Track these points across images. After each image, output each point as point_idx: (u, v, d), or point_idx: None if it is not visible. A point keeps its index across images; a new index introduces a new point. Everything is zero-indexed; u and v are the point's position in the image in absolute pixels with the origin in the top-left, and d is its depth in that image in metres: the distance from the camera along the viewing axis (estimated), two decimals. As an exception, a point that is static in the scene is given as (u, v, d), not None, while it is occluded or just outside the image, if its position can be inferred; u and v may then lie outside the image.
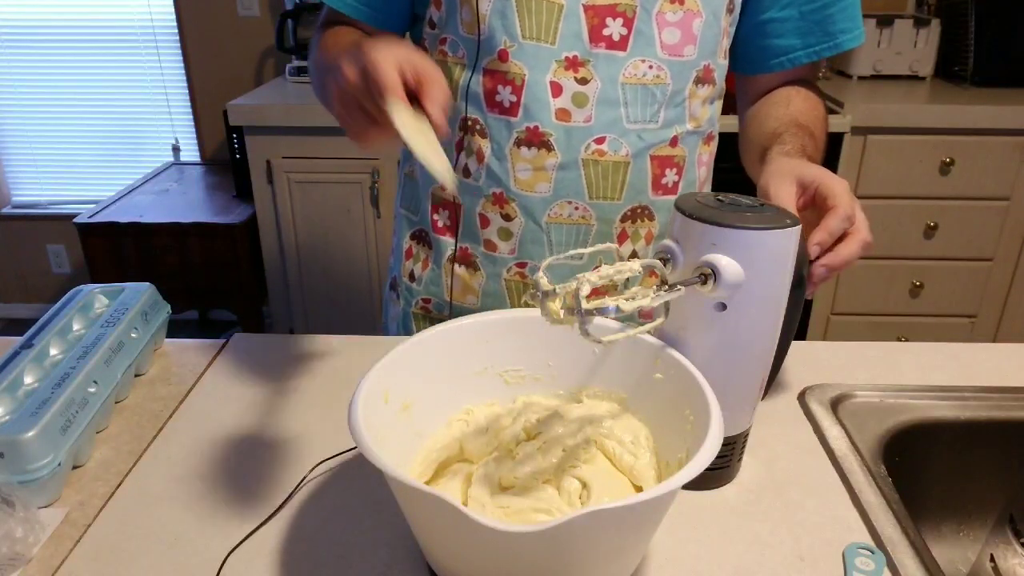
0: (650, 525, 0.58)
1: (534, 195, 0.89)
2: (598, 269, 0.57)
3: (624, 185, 0.89)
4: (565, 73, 0.84)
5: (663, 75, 0.85)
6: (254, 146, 2.25)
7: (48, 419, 0.71)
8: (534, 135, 0.86)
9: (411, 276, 1.02)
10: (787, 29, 0.91)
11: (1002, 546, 0.86)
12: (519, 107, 0.85)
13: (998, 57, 2.36)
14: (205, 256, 2.43)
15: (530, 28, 0.82)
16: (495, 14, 0.82)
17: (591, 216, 0.90)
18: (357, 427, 0.55)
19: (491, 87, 0.86)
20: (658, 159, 0.89)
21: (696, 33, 0.85)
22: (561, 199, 0.89)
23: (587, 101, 0.85)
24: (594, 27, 0.83)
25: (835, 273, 0.72)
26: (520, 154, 0.87)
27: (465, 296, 0.97)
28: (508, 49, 0.83)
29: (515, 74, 0.84)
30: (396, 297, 1.06)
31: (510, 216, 0.90)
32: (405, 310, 1.04)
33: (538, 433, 0.68)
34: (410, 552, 0.65)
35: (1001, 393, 0.88)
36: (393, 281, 1.08)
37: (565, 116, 0.85)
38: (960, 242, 2.28)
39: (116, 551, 0.66)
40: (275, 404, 0.87)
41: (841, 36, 0.91)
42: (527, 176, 0.88)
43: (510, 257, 0.93)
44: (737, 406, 0.69)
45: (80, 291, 0.96)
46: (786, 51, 0.92)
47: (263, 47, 2.76)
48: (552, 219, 0.90)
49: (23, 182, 3.10)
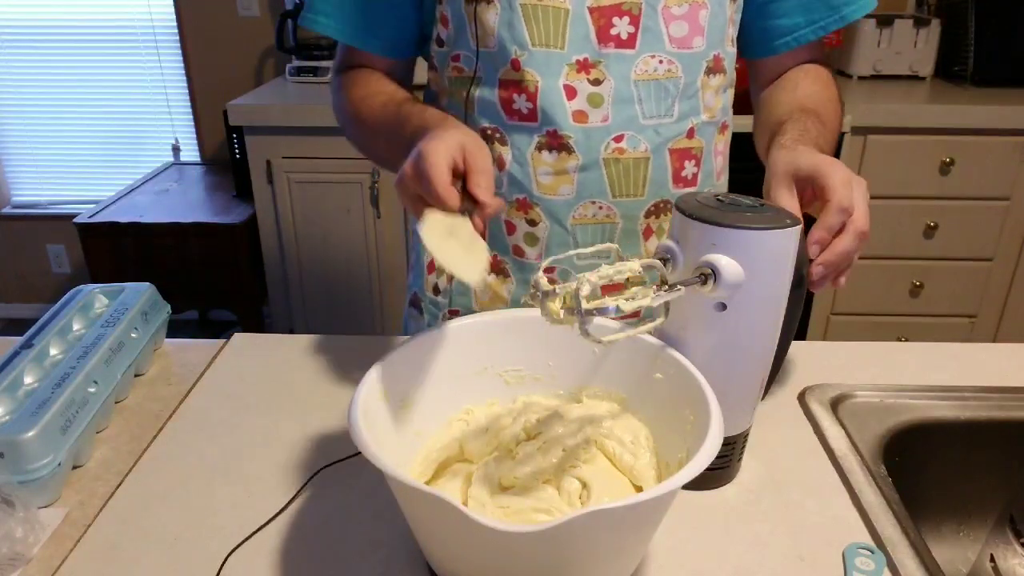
0: (650, 525, 0.58)
1: (557, 198, 0.89)
2: (598, 269, 0.57)
3: (646, 181, 0.89)
4: (577, 76, 0.84)
5: (674, 69, 0.85)
6: (254, 146, 2.25)
7: (48, 419, 0.71)
8: (554, 139, 0.86)
9: (435, 289, 1.01)
10: (790, 7, 0.91)
11: (1002, 546, 0.86)
12: (536, 113, 0.85)
13: (998, 57, 2.36)
14: (205, 256, 2.43)
15: (538, 35, 0.83)
16: (503, 25, 0.83)
17: (615, 214, 0.90)
18: (357, 427, 0.55)
19: (507, 97, 0.86)
20: (676, 152, 0.89)
21: (703, 24, 0.85)
22: (585, 200, 0.89)
23: (602, 101, 0.85)
24: (601, 28, 0.83)
25: (835, 271, 0.71)
26: (542, 158, 0.87)
27: (495, 304, 0.96)
28: (519, 58, 0.84)
29: (528, 81, 0.84)
30: (419, 313, 1.05)
31: (535, 221, 0.90)
32: (431, 323, 1.02)
33: (538, 433, 0.68)
34: (410, 552, 0.65)
35: (1001, 393, 0.88)
36: (414, 298, 1.06)
37: (582, 118, 0.85)
38: (960, 242, 2.28)
39: (116, 551, 0.66)
40: (275, 404, 0.87)
41: (845, 8, 0.91)
42: (549, 180, 0.88)
43: (538, 262, 0.93)
44: (737, 406, 0.69)
45: (80, 291, 0.96)
46: (791, 30, 0.92)
47: (263, 47, 2.76)
48: (577, 220, 0.90)
49: (23, 182, 3.10)
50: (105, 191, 2.75)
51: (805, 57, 0.96)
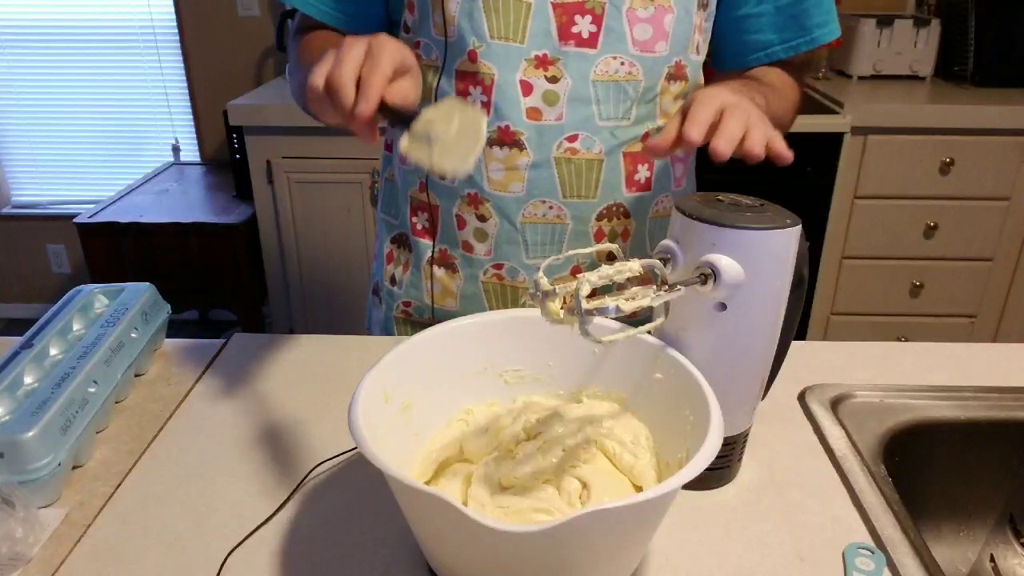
0: (650, 525, 0.58)
1: (508, 195, 0.88)
2: (598, 269, 0.57)
3: (598, 183, 0.89)
4: (535, 72, 0.83)
5: (635, 71, 0.85)
6: (254, 146, 2.25)
7: (48, 419, 0.71)
8: (506, 134, 0.85)
9: (392, 280, 1.01)
10: (764, 24, 0.91)
11: (1002, 546, 0.86)
12: (490, 107, 0.85)
13: (998, 57, 2.36)
14: (205, 256, 2.43)
15: (498, 28, 0.82)
16: (463, 15, 0.82)
17: (566, 215, 0.89)
18: (357, 427, 0.55)
19: (462, 88, 0.85)
20: (630, 155, 0.89)
21: (668, 29, 0.84)
22: (535, 198, 0.88)
23: (558, 99, 0.84)
24: (563, 25, 0.82)
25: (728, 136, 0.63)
26: (493, 154, 0.87)
27: (445, 299, 0.97)
28: (477, 50, 0.83)
29: (484, 74, 0.84)
30: (379, 302, 1.06)
31: (485, 217, 0.90)
32: (387, 314, 1.04)
33: (538, 433, 0.68)
34: (410, 552, 0.65)
35: (1001, 393, 0.88)
36: (376, 286, 1.07)
37: (536, 115, 0.85)
38: (960, 242, 2.28)
39: (116, 551, 0.66)
40: (275, 404, 0.87)
41: (817, 31, 0.91)
42: (500, 176, 0.87)
43: (486, 259, 0.93)
44: (737, 406, 0.69)
45: (80, 291, 0.96)
46: (763, 46, 0.92)
47: (263, 47, 2.76)
48: (527, 219, 0.89)
49: (23, 182, 3.10)
50: (105, 191, 2.75)
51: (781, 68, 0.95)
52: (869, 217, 2.26)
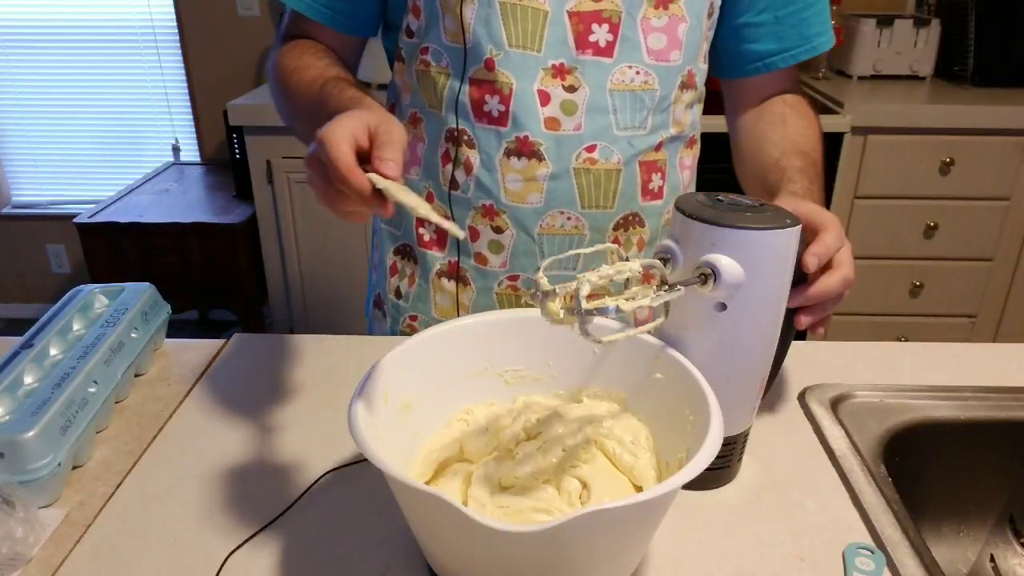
0: (650, 525, 0.58)
1: (525, 206, 0.87)
2: (598, 269, 0.57)
3: (616, 193, 0.88)
4: (552, 81, 0.83)
5: (651, 81, 0.85)
6: (254, 146, 2.25)
7: (48, 419, 0.71)
8: (524, 145, 0.85)
9: (397, 293, 1.00)
10: (763, 34, 0.91)
11: (1002, 546, 0.86)
12: (508, 117, 0.84)
13: (998, 57, 2.36)
14: (205, 256, 2.43)
15: (516, 36, 0.81)
16: (479, 22, 0.81)
17: (584, 226, 0.89)
18: (357, 427, 0.55)
19: (478, 97, 0.84)
20: (645, 164, 0.89)
21: (681, 38, 0.84)
22: (553, 209, 0.88)
23: (576, 109, 0.84)
24: (579, 34, 0.82)
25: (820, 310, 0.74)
26: (511, 165, 0.86)
27: (455, 313, 0.95)
28: (494, 58, 0.82)
29: (503, 83, 0.83)
30: (382, 315, 1.04)
31: (501, 228, 0.89)
32: (393, 329, 1.02)
33: (538, 433, 0.68)
34: (410, 552, 0.65)
35: (1001, 393, 0.88)
36: (377, 298, 1.05)
37: (555, 125, 0.84)
38: (960, 242, 2.28)
39: (116, 551, 0.66)
40: (275, 404, 0.87)
41: (816, 39, 0.91)
42: (518, 187, 0.87)
43: (501, 271, 0.92)
44: (737, 406, 0.69)
45: (80, 291, 0.96)
46: (763, 56, 0.92)
47: (263, 47, 2.76)
48: (544, 230, 0.89)
49: (23, 182, 3.10)
50: (105, 191, 2.75)
51: (779, 82, 0.95)
52: (869, 217, 2.26)
